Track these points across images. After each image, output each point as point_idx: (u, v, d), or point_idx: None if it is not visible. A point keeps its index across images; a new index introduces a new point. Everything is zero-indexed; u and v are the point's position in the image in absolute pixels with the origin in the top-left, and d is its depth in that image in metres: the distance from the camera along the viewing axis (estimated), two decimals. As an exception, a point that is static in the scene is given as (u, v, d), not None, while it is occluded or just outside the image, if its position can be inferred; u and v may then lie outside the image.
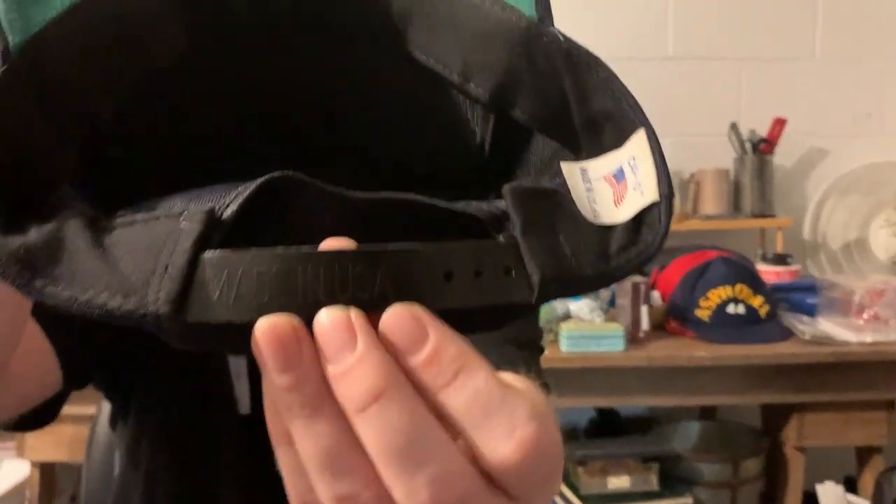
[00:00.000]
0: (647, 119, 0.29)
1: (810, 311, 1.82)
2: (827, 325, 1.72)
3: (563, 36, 0.30)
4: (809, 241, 2.27)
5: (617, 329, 1.62)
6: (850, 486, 1.85)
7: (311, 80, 0.40)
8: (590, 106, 0.30)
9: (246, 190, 0.27)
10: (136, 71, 0.33)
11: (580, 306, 1.75)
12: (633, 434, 1.92)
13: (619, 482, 1.71)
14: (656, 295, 1.83)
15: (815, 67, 2.28)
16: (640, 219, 0.28)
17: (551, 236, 0.28)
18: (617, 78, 0.30)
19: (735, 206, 2.19)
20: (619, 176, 0.29)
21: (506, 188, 0.29)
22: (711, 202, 2.16)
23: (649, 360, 1.59)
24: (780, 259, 1.99)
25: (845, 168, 2.25)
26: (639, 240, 0.28)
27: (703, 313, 1.73)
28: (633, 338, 1.67)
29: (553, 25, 0.31)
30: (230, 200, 0.27)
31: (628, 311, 1.69)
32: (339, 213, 0.30)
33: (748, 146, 2.17)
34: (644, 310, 1.70)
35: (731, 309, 1.72)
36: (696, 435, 1.98)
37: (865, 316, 1.71)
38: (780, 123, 2.16)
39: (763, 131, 2.18)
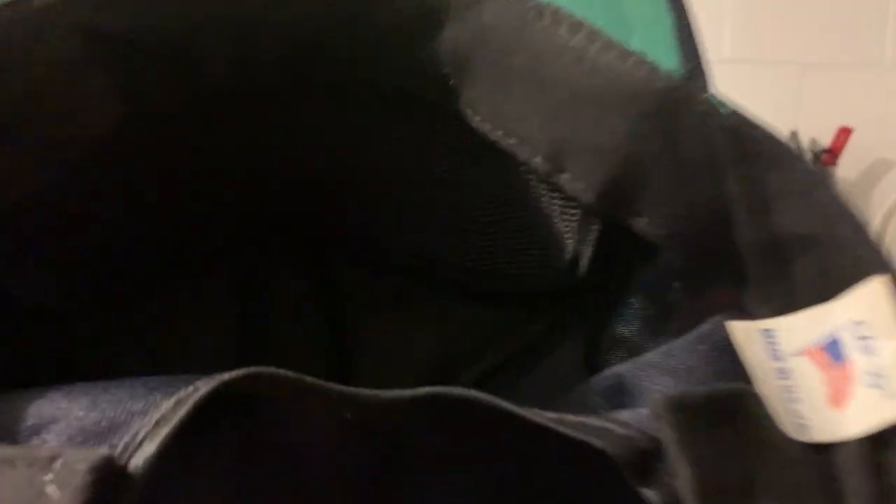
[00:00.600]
0: (888, 261, 0.19)
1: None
2: None
3: (728, 106, 0.20)
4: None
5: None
6: None
7: (318, 153, 0.30)
8: (772, 221, 0.20)
9: (180, 404, 0.16)
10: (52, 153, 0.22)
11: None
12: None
13: None
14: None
15: (883, 74, 2.13)
16: (883, 441, 0.18)
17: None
18: (824, 182, 0.20)
19: (793, 221, 2.06)
20: (835, 351, 0.19)
21: (658, 401, 0.20)
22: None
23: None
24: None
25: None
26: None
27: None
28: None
29: (708, 85, 0.21)
30: (147, 429, 0.16)
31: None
32: (350, 417, 0.21)
33: (809, 157, 2.04)
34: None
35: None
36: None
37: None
38: (844, 133, 2.01)
39: (826, 141, 2.04)
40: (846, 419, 0.19)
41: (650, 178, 0.21)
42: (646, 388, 0.23)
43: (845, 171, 2.08)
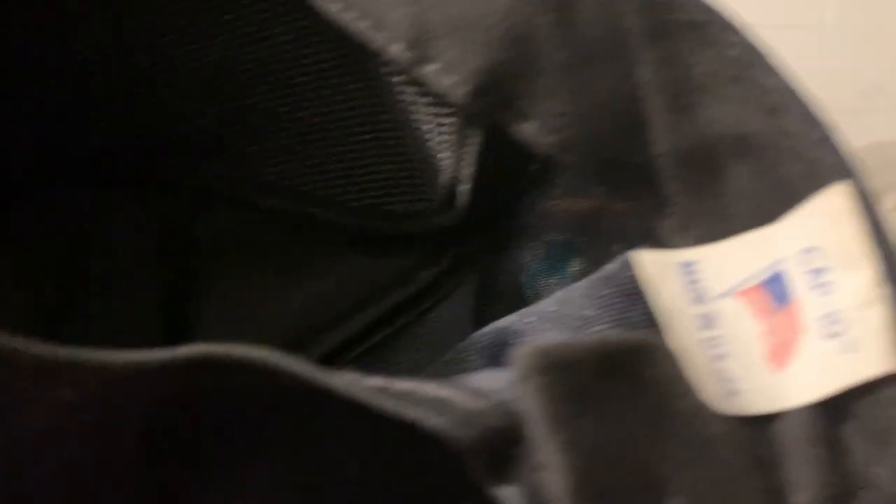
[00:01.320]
0: (850, 163, 0.14)
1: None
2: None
3: None
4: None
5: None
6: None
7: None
8: (697, 119, 0.14)
9: None
10: None
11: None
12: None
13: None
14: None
15: (822, 36, 2.12)
16: (839, 411, 0.13)
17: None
18: (766, 58, 0.15)
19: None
20: (778, 290, 0.14)
21: (521, 357, 0.13)
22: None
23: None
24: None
25: (853, 146, 2.11)
26: (852, 474, 0.13)
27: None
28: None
29: None
30: None
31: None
32: None
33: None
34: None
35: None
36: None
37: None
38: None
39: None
40: (791, 382, 0.14)
41: (539, 66, 0.16)
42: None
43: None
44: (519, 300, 0.23)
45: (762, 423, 0.14)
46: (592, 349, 0.14)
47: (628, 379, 0.14)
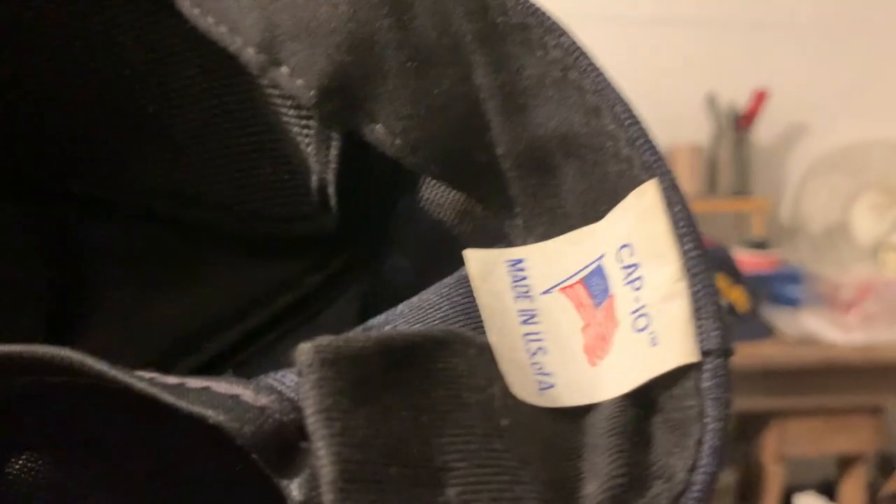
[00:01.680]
0: (664, 162, 0.14)
1: (792, 303, 1.68)
2: (811, 322, 1.57)
3: None
4: (788, 223, 2.13)
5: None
6: (827, 491, 1.74)
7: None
8: (529, 121, 0.15)
9: None
10: None
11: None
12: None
13: None
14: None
15: (800, 38, 2.11)
16: (645, 402, 0.14)
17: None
18: (585, 56, 0.15)
19: (710, 186, 2.03)
20: (596, 286, 0.15)
21: (301, 352, 0.14)
22: (685, 180, 1.99)
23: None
24: (759, 244, 1.84)
25: (829, 146, 2.10)
26: (644, 466, 0.13)
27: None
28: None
29: None
30: None
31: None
32: None
33: (725, 120, 2.01)
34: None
35: (707, 303, 1.55)
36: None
37: (853, 313, 1.56)
38: (760, 96, 1.99)
39: (742, 104, 2.01)
40: (605, 376, 0.15)
41: (383, 70, 0.17)
42: None
43: (762, 134, 2.07)
44: (400, 302, 0.22)
45: (573, 416, 0.15)
46: (379, 342, 0.14)
47: (418, 372, 0.14)
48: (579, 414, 0.15)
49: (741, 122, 2.01)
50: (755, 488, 1.62)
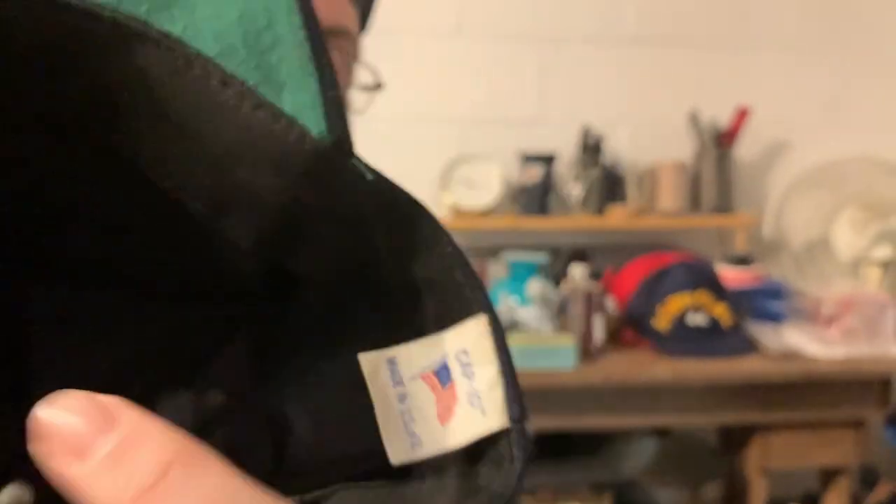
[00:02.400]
0: (490, 302, 0.23)
1: (775, 318, 1.70)
2: (794, 337, 1.59)
3: (373, 171, 0.22)
4: (770, 239, 2.15)
5: (567, 343, 1.46)
6: None
7: None
8: (409, 268, 0.23)
9: None
10: None
11: (529, 314, 1.59)
12: (582, 453, 1.77)
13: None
14: (611, 301, 1.67)
15: (781, 56, 2.14)
16: (478, 452, 0.22)
17: None
18: (450, 238, 0.23)
19: (694, 202, 2.05)
20: (444, 375, 0.23)
21: None
22: (669, 197, 2.01)
23: (605, 379, 1.44)
24: (742, 260, 1.86)
25: (810, 163, 2.13)
26: (477, 489, 0.22)
27: (661, 324, 1.57)
28: (585, 351, 1.51)
29: (353, 148, 0.22)
30: None
31: (580, 321, 1.53)
32: None
33: (708, 137, 2.03)
34: (598, 320, 1.54)
35: (690, 320, 1.57)
36: (651, 454, 1.84)
37: (834, 327, 1.59)
38: (742, 114, 2.02)
39: (725, 122, 2.04)
40: (449, 434, 0.22)
41: (306, 229, 0.23)
42: None
43: (744, 151, 2.10)
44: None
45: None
46: None
47: None
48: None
49: (724, 140, 2.03)
50: (740, 501, 1.63)
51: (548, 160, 1.94)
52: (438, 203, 1.91)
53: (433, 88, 2.00)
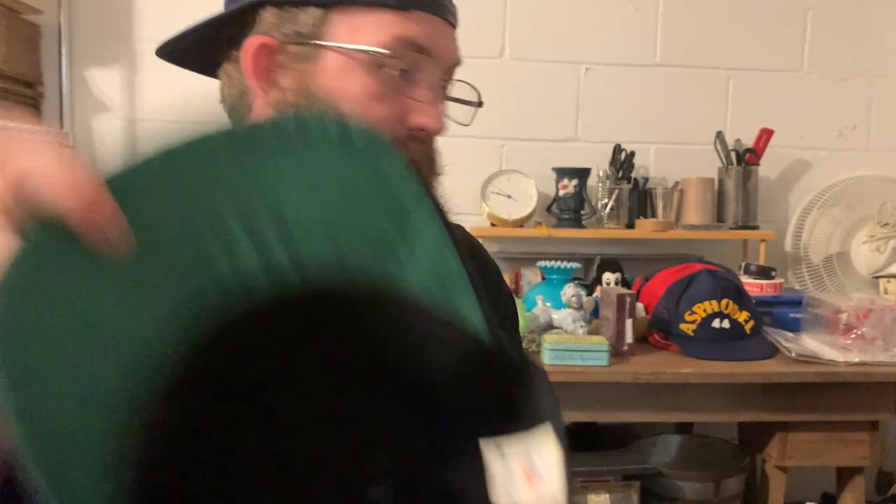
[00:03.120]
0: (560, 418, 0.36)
1: (794, 327, 1.79)
2: (812, 343, 1.69)
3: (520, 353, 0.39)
4: (791, 253, 2.25)
5: (601, 343, 1.57)
6: (828, 502, 1.82)
7: None
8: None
9: None
10: None
11: (563, 316, 1.70)
12: (610, 447, 1.87)
13: (598, 500, 1.66)
14: (640, 307, 1.78)
15: (802, 80, 2.25)
16: None
17: None
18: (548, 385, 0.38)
19: (719, 217, 2.16)
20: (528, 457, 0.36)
21: None
22: (695, 211, 2.12)
23: (634, 376, 1.55)
24: (765, 272, 1.96)
25: (829, 181, 2.23)
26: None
27: (687, 327, 1.68)
28: (616, 351, 1.62)
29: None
30: None
31: (612, 324, 1.65)
32: None
33: (733, 156, 2.14)
34: (628, 322, 1.65)
35: (716, 324, 1.68)
36: (676, 449, 1.94)
37: (852, 335, 1.68)
38: (766, 134, 2.13)
39: (749, 141, 2.15)
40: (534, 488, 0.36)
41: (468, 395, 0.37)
42: None
43: (766, 170, 2.20)
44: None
45: None
46: None
47: None
48: None
49: (748, 158, 2.14)
50: (760, 496, 1.72)
51: (582, 173, 2.06)
52: (479, 213, 2.03)
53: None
